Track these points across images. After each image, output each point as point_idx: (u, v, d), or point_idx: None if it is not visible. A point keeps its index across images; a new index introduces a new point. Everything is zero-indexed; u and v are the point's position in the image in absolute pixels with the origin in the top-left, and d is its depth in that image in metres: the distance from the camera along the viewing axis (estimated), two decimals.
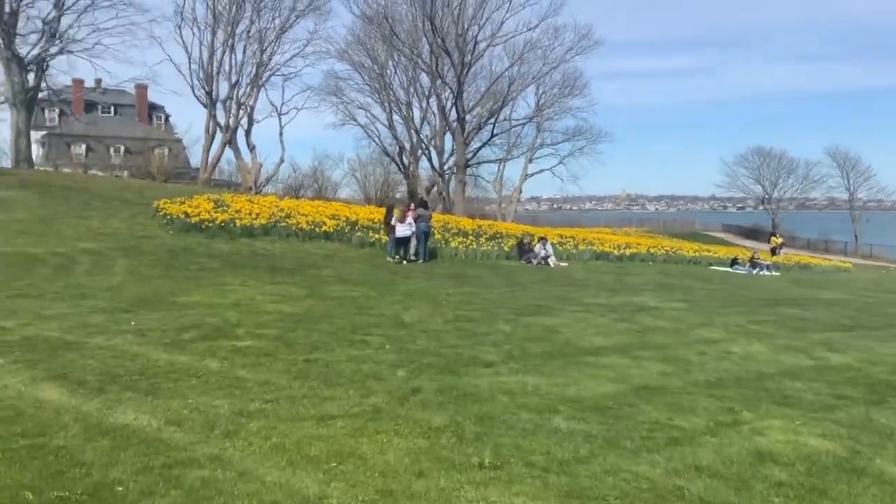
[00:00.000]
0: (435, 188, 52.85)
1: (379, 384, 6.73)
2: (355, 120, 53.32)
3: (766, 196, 79.56)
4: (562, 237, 27.49)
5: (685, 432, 5.81)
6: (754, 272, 27.99)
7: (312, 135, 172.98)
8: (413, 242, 19.55)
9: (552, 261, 21.54)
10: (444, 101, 47.58)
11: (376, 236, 21.55)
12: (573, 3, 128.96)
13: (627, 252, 25.68)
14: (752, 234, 72.08)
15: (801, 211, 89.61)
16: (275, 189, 52.96)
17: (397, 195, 58.61)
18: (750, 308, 15.31)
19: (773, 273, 29.15)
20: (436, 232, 21.81)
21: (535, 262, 21.17)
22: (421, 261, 19.23)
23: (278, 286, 13.50)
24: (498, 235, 25.23)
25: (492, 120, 48.58)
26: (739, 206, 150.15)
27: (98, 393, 6.03)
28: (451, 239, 22.35)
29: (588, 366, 8.03)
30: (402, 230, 19.12)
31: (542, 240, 22.37)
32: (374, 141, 55.35)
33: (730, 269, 28.08)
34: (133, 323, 9.32)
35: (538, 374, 7.45)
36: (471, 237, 23.27)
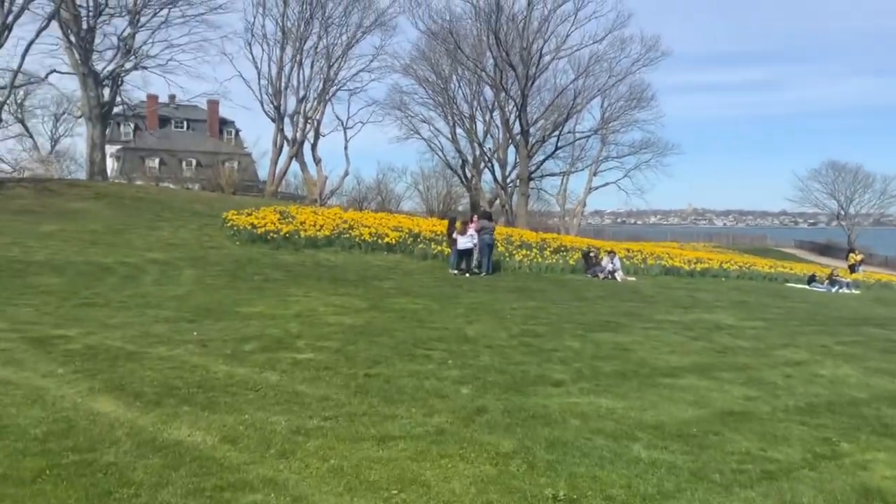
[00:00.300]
0: (497, 201, 52.48)
1: (442, 402, 6.38)
2: (419, 133, 53.57)
3: (842, 211, 76.47)
4: (629, 251, 26.72)
5: (780, 465, 5.26)
6: (833, 290, 26.63)
7: (377, 148, 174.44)
8: (476, 255, 19.23)
9: (619, 275, 20.87)
10: (508, 113, 47.23)
11: (439, 248, 21.30)
12: (640, 15, 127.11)
13: (698, 267, 24.73)
14: (827, 250, 69.22)
15: (877, 227, 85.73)
16: (339, 201, 53.49)
17: (459, 208, 58.55)
18: (832, 328, 14.41)
19: (853, 291, 27.70)
20: (499, 245, 21.43)
21: (601, 276, 20.55)
22: (484, 273, 18.87)
23: (341, 297, 13.33)
24: (562, 249, 24.67)
25: (556, 132, 47.96)
26: (811, 221, 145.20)
27: (154, 406, 5.85)
28: (514, 252, 21.92)
29: (665, 388, 7.50)
30: (464, 242, 18.82)
31: (610, 253, 21.71)
32: (437, 154, 55.49)
33: (807, 287, 26.79)
34: (195, 333, 9.21)
35: (612, 395, 6.98)
36: (535, 250, 22.79)
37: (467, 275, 18.39)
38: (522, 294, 15.57)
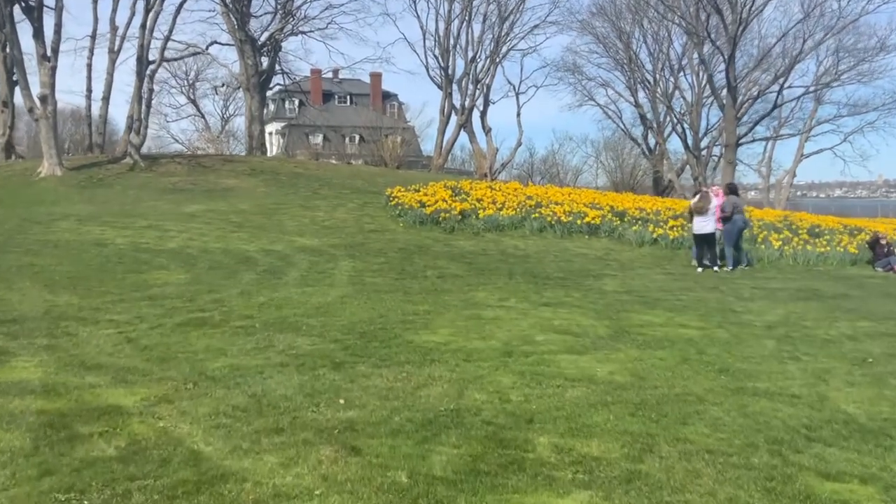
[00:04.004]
0: (688, 171, 45.84)
1: None
2: (593, 100, 47.78)
3: None
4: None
5: None
6: None
7: (549, 117, 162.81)
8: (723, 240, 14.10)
9: None
10: (711, 68, 40.02)
11: (659, 231, 16.39)
12: None
13: None
14: None
15: None
16: (508, 176, 49.11)
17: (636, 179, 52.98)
18: None
19: None
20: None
21: None
22: (730, 267, 13.68)
23: (555, 310, 8.90)
24: (816, 230, 18.77)
25: (773, 88, 39.87)
26: None
27: None
28: (765, 235, 16.45)
29: None
30: (701, 224, 13.64)
31: None
32: (614, 122, 49.50)
33: None
34: (342, 401, 5.13)
35: None
36: (786, 233, 17.17)
37: (701, 269, 13.29)
38: (820, 302, 10.36)
